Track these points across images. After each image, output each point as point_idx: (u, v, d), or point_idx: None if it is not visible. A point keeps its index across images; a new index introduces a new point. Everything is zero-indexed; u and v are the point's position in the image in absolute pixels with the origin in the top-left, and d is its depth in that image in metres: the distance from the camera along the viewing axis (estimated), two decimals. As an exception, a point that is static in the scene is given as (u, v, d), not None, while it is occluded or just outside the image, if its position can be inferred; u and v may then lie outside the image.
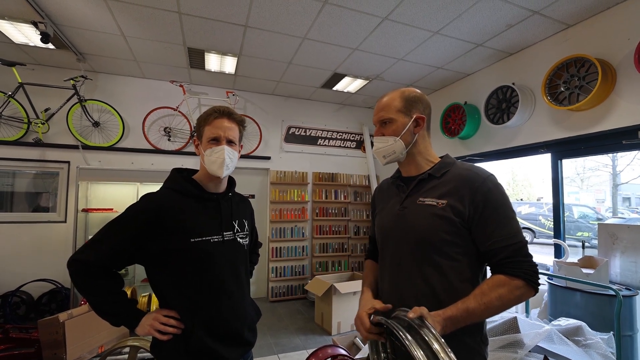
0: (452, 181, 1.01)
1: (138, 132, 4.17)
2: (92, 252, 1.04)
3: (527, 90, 3.21)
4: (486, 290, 0.90)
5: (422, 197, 1.04)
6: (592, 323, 2.18)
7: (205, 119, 1.19)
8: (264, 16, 2.82)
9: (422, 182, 1.08)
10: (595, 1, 2.52)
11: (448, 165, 1.07)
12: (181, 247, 1.08)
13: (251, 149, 4.66)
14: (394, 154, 1.10)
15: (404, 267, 1.04)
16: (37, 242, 3.78)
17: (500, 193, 0.97)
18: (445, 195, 1.00)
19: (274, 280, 4.69)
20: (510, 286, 0.90)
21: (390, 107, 1.10)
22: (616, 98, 2.56)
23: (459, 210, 0.96)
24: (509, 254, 0.92)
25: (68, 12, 2.77)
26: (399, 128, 1.08)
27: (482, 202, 0.95)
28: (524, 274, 0.90)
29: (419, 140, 1.10)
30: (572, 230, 8.84)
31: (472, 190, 0.96)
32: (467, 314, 0.87)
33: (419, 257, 1.01)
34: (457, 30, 2.98)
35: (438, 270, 0.98)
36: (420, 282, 1.00)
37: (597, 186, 13.35)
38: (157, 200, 1.11)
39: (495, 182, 0.99)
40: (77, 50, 3.46)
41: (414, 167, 1.12)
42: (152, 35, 3.17)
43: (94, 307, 1.05)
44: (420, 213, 1.02)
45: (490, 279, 0.93)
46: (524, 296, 0.91)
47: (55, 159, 3.86)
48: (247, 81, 4.38)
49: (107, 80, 4.10)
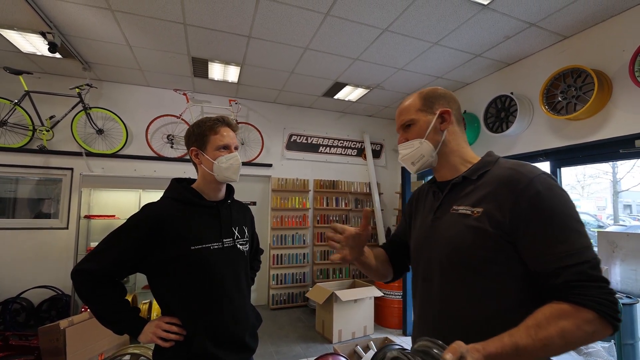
0: (491, 184, 0.84)
1: (141, 139, 4.22)
2: (95, 262, 1.06)
3: (525, 99, 3.26)
4: (543, 321, 0.67)
5: (457, 205, 0.89)
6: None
7: (211, 128, 1.22)
8: (267, 27, 2.89)
9: (455, 186, 0.92)
10: (590, 14, 2.59)
11: (487, 164, 0.90)
12: (182, 255, 1.11)
13: (253, 156, 4.70)
14: (422, 158, 0.95)
15: (434, 288, 0.90)
16: (38, 248, 3.79)
17: (555, 196, 0.76)
18: (481, 201, 0.83)
19: (275, 288, 4.68)
20: (578, 319, 0.67)
21: (409, 108, 0.97)
22: (613, 108, 2.60)
23: (496, 220, 0.79)
24: (574, 277, 0.70)
25: (76, 23, 2.84)
26: (423, 128, 0.94)
27: (529, 209, 0.75)
28: (597, 305, 0.67)
29: (449, 138, 0.95)
30: (572, 238, 8.82)
31: (515, 195, 0.78)
32: (515, 351, 0.66)
33: (451, 277, 0.86)
34: (456, 41, 3.04)
35: (474, 293, 0.82)
36: (454, 308, 0.85)
37: (598, 193, 13.36)
38: (158, 209, 1.14)
39: (547, 183, 0.77)
40: (84, 59, 3.53)
41: (448, 170, 0.96)
42: (157, 45, 3.24)
43: (97, 315, 1.07)
44: (452, 224, 0.87)
45: (547, 308, 0.70)
46: (597, 335, 0.68)
47: (59, 165, 3.90)
48: (250, 90, 4.44)
49: (111, 89, 4.16)
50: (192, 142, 1.25)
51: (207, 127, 1.22)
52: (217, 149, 1.20)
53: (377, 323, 4.03)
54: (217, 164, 1.20)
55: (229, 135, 1.23)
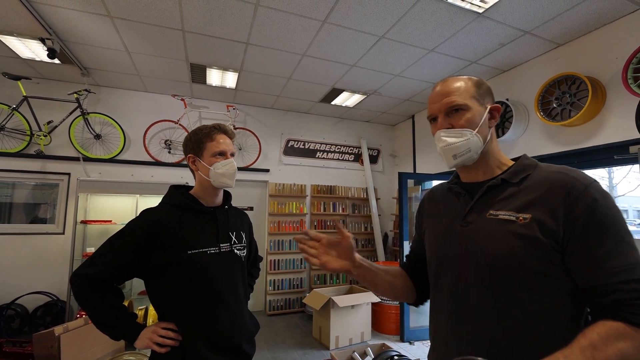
0: (538, 188, 0.76)
1: (139, 144, 4.22)
2: (93, 267, 1.07)
3: (520, 106, 3.29)
4: (598, 342, 0.61)
5: (495, 210, 0.79)
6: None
7: (207, 135, 1.24)
8: (265, 34, 2.92)
9: (492, 189, 0.82)
10: (583, 22, 2.63)
11: (529, 167, 0.81)
12: (179, 259, 1.12)
13: (250, 161, 4.71)
14: (468, 153, 0.82)
15: (470, 305, 0.79)
16: (34, 253, 3.76)
17: (610, 206, 0.70)
18: (529, 206, 0.74)
19: (272, 293, 4.66)
20: (635, 341, 0.61)
21: (461, 90, 0.83)
22: (607, 114, 2.63)
23: (549, 228, 0.71)
24: (630, 295, 0.63)
25: (75, 29, 2.86)
26: (476, 118, 0.82)
27: (585, 217, 0.68)
28: None
29: (493, 138, 0.86)
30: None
31: (570, 200, 0.70)
32: None
33: (490, 290, 0.76)
34: (452, 48, 3.08)
35: (518, 309, 0.73)
36: (495, 325, 0.75)
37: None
38: (156, 214, 1.16)
39: (602, 192, 0.71)
40: (82, 65, 3.54)
41: (483, 172, 0.86)
42: (156, 51, 3.26)
43: (95, 321, 1.07)
44: (492, 231, 0.78)
45: (600, 326, 0.63)
46: None
47: (56, 170, 3.89)
48: (248, 95, 4.46)
49: (109, 94, 4.18)
50: (189, 149, 1.27)
51: (204, 135, 1.24)
52: (213, 156, 1.23)
53: (375, 329, 4.01)
54: (213, 170, 1.22)
55: (225, 142, 1.25)
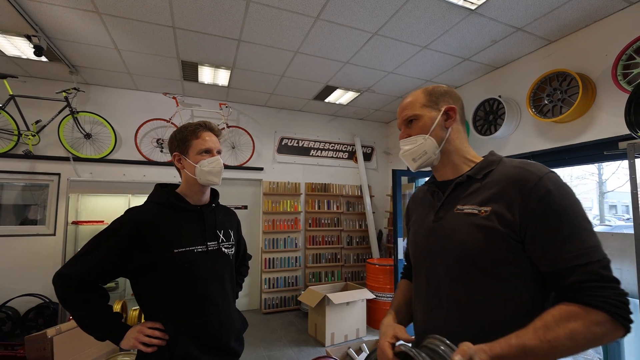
0: (498, 182, 0.82)
1: (130, 143, 4.16)
2: (77, 267, 1.05)
3: (512, 102, 3.32)
4: (551, 323, 0.67)
5: (461, 205, 0.87)
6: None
7: (193, 132, 1.23)
8: (257, 31, 2.89)
9: (459, 186, 0.90)
10: (574, 19, 2.65)
11: (492, 163, 0.88)
12: (165, 258, 1.11)
13: (244, 160, 4.68)
14: (425, 155, 0.92)
15: (441, 292, 0.87)
16: (24, 255, 3.70)
17: (565, 195, 0.75)
18: (489, 200, 0.81)
19: (267, 292, 4.65)
20: (587, 321, 0.66)
21: (413, 104, 0.94)
22: (597, 111, 2.66)
23: (506, 219, 0.77)
24: (584, 277, 0.69)
25: (62, 26, 2.80)
26: (427, 124, 0.92)
27: (539, 207, 0.74)
28: (609, 306, 0.66)
29: (453, 136, 0.93)
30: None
31: (525, 193, 0.76)
32: (522, 352, 0.66)
33: (459, 279, 0.84)
34: (445, 45, 3.08)
35: (484, 295, 0.80)
36: (462, 310, 0.82)
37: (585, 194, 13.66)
38: (140, 213, 1.14)
39: (557, 181, 0.76)
40: (70, 62, 3.47)
41: (450, 169, 0.94)
42: (146, 49, 3.21)
43: (78, 321, 1.06)
44: (458, 224, 0.85)
45: (556, 309, 0.70)
46: (608, 336, 0.67)
47: (46, 171, 3.82)
48: (240, 93, 4.43)
49: (99, 92, 4.11)
50: (174, 147, 1.25)
51: (189, 132, 1.23)
52: (199, 153, 1.21)
53: (370, 325, 4.04)
54: (199, 168, 1.20)
55: (211, 140, 1.24)
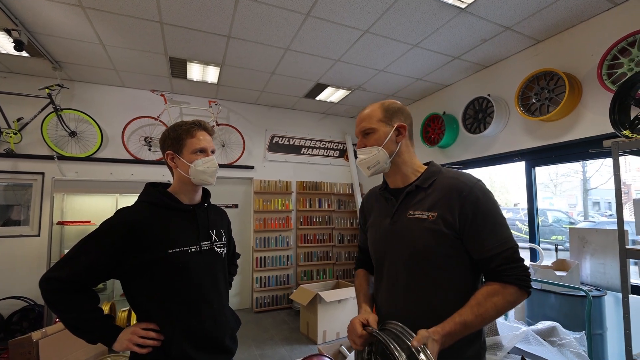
0: (440, 191, 1.01)
1: (117, 142, 4.07)
2: (66, 269, 1.02)
3: (501, 101, 3.36)
4: (481, 300, 0.90)
5: (412, 211, 1.03)
6: (566, 323, 2.28)
7: (187, 131, 1.21)
8: (246, 27, 2.85)
9: (410, 194, 1.07)
10: (561, 19, 2.69)
11: (434, 174, 1.07)
12: (159, 259, 1.09)
13: (234, 158, 4.63)
14: (378, 164, 1.08)
15: (400, 283, 1.03)
16: (8, 257, 3.59)
17: (488, 200, 0.97)
18: (435, 206, 0.99)
19: (259, 291, 4.63)
20: (504, 294, 0.91)
21: (371, 117, 1.09)
22: (583, 110, 2.72)
23: (449, 222, 0.96)
24: (502, 261, 0.92)
25: (43, 19, 2.71)
26: (381, 137, 1.07)
27: (472, 211, 0.95)
28: (517, 280, 0.91)
29: (402, 150, 1.09)
30: (547, 234, 9.19)
31: (461, 200, 0.96)
32: (464, 327, 0.87)
33: (414, 273, 1.01)
34: (435, 43, 3.10)
35: (435, 285, 0.99)
36: (418, 298, 1.00)
37: (569, 191, 13.96)
38: (132, 213, 1.12)
39: (483, 189, 0.99)
40: (53, 58, 3.37)
41: (400, 178, 1.10)
42: (132, 44, 3.13)
43: (68, 325, 1.03)
44: (411, 227, 1.02)
45: (484, 288, 0.94)
46: (518, 301, 0.92)
47: (29, 170, 3.71)
48: (230, 91, 4.37)
49: (84, 89, 4.00)
50: (167, 145, 1.23)
51: (184, 131, 1.21)
52: (194, 153, 1.20)
53: (362, 323, 4.06)
54: (193, 167, 1.19)
55: (205, 139, 1.23)
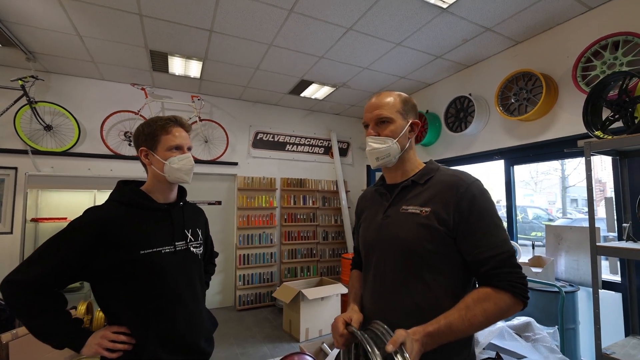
0: (436, 187, 0.97)
1: (96, 136, 3.96)
2: (30, 272, 0.97)
3: (482, 100, 3.42)
4: (470, 304, 0.84)
5: (406, 205, 0.99)
6: (541, 318, 2.35)
7: (162, 127, 1.17)
8: (229, 22, 2.80)
9: (405, 189, 1.03)
10: (539, 21, 2.75)
11: (432, 171, 1.03)
12: (131, 260, 1.05)
13: (218, 154, 4.57)
14: (387, 157, 1.02)
15: (387, 280, 0.99)
16: (-23, 255, 3.45)
17: (486, 200, 0.93)
18: (429, 202, 0.95)
19: (242, 288, 4.59)
20: (496, 300, 0.84)
21: (389, 105, 1.02)
22: (559, 110, 2.79)
23: (443, 219, 0.92)
24: (495, 265, 0.87)
25: (14, 7, 2.59)
26: (398, 130, 1.01)
27: (467, 209, 0.90)
28: (511, 287, 0.85)
29: (411, 146, 1.07)
30: (527, 230, 9.46)
31: (457, 197, 0.92)
32: (449, 330, 0.82)
33: (402, 269, 0.96)
34: (418, 42, 3.12)
35: (423, 283, 0.93)
36: (405, 296, 0.95)
37: (549, 189, 14.38)
38: (102, 213, 1.08)
39: (481, 188, 0.94)
40: (27, 48, 3.24)
41: (400, 174, 1.07)
42: (111, 36, 3.04)
43: (33, 331, 0.98)
44: (403, 222, 0.98)
45: (475, 292, 0.88)
46: (511, 310, 0.85)
47: (1, 164, 3.56)
48: (214, 86, 4.30)
49: (61, 82, 3.86)
50: (141, 141, 1.19)
51: (159, 127, 1.17)
52: (169, 150, 1.16)
53: (345, 319, 4.08)
54: (168, 165, 1.15)
55: (181, 136, 1.19)
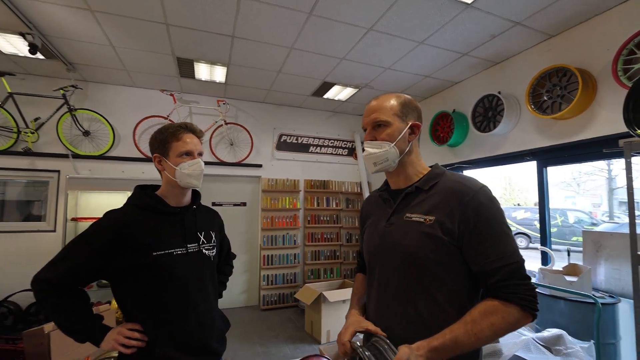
0: (441, 194, 0.93)
1: (129, 140, 4.18)
2: (54, 271, 1.04)
3: (512, 98, 3.24)
4: (477, 317, 0.81)
5: (409, 213, 0.96)
6: (576, 331, 2.18)
7: (173, 134, 1.21)
8: (250, 27, 2.86)
9: (409, 195, 1.00)
10: (574, 12, 2.57)
11: (437, 176, 0.99)
12: (144, 261, 1.10)
13: (242, 156, 4.67)
14: (386, 162, 0.99)
15: (390, 290, 0.97)
16: (26, 251, 3.75)
17: (493, 207, 0.88)
18: (433, 210, 0.91)
19: (266, 289, 4.67)
20: (504, 313, 0.81)
21: (386, 109, 0.98)
22: (597, 107, 2.59)
23: (447, 228, 0.88)
24: (503, 276, 0.83)
25: (55, 23, 2.80)
26: (395, 133, 0.97)
27: (473, 217, 0.86)
28: (520, 300, 0.81)
29: (412, 150, 1.01)
30: (567, 234, 8.87)
31: (462, 205, 0.88)
32: (454, 344, 0.79)
33: (406, 279, 0.93)
34: (442, 40, 3.02)
35: (427, 294, 0.90)
36: (408, 307, 0.92)
37: (594, 190, 13.40)
38: (119, 216, 1.14)
39: (488, 195, 0.90)
40: (67, 60, 3.49)
41: (403, 179, 1.03)
42: (141, 46, 3.20)
43: (58, 325, 1.05)
44: (406, 231, 0.94)
45: (482, 305, 0.84)
46: (520, 323, 0.82)
47: (45, 168, 3.86)
48: (238, 90, 4.41)
49: (97, 89, 4.12)
50: (155, 148, 1.24)
51: (170, 134, 1.22)
52: (180, 156, 1.20)
53: (367, 323, 4.03)
54: (179, 170, 1.19)
55: (192, 142, 1.23)
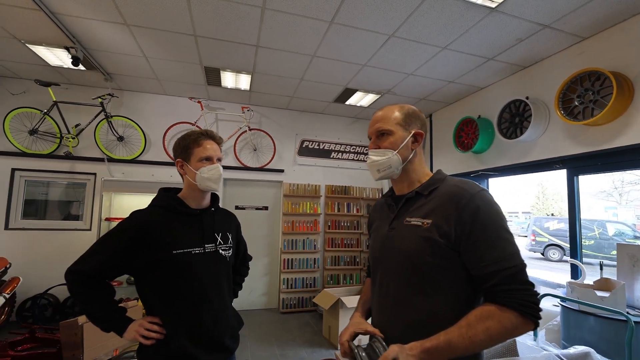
0: (439, 198, 0.95)
1: (159, 145, 4.40)
2: (85, 264, 1.14)
3: (541, 104, 3.12)
4: (472, 321, 0.81)
5: (409, 217, 0.98)
6: (608, 350, 2.05)
7: (195, 141, 1.29)
8: (273, 36, 2.95)
9: (409, 200, 1.03)
10: (609, 13, 2.45)
11: (437, 181, 1.01)
12: (164, 259, 1.18)
13: (265, 162, 4.78)
14: (389, 169, 1.03)
15: (390, 293, 1.00)
16: (65, 248, 4.04)
17: (491, 210, 0.88)
18: (430, 214, 0.93)
19: (285, 292, 4.72)
20: (500, 318, 0.80)
21: (389, 119, 1.03)
22: (634, 112, 2.44)
23: (444, 231, 0.89)
24: (501, 281, 0.82)
25: (96, 37, 3.03)
26: (398, 141, 1.02)
27: (470, 221, 0.86)
28: (518, 305, 0.79)
29: (415, 157, 1.05)
30: (605, 248, 8.30)
31: (459, 208, 0.88)
32: (448, 347, 0.80)
33: (405, 282, 0.96)
34: (466, 45, 2.97)
35: (425, 296, 0.92)
36: (406, 310, 0.94)
37: (638, 201, 12.49)
38: (143, 216, 1.22)
39: (485, 199, 0.90)
40: (105, 70, 3.74)
41: (406, 185, 1.06)
42: (171, 56, 3.38)
43: (86, 314, 1.15)
44: (406, 234, 0.97)
45: (479, 309, 0.84)
46: (518, 330, 0.80)
47: (83, 170, 4.15)
48: (262, 97, 4.53)
49: (131, 97, 4.39)
50: (177, 154, 1.33)
51: (192, 140, 1.30)
52: (200, 161, 1.28)
53: (387, 331, 3.97)
54: (199, 174, 1.27)
55: (212, 148, 1.30)
